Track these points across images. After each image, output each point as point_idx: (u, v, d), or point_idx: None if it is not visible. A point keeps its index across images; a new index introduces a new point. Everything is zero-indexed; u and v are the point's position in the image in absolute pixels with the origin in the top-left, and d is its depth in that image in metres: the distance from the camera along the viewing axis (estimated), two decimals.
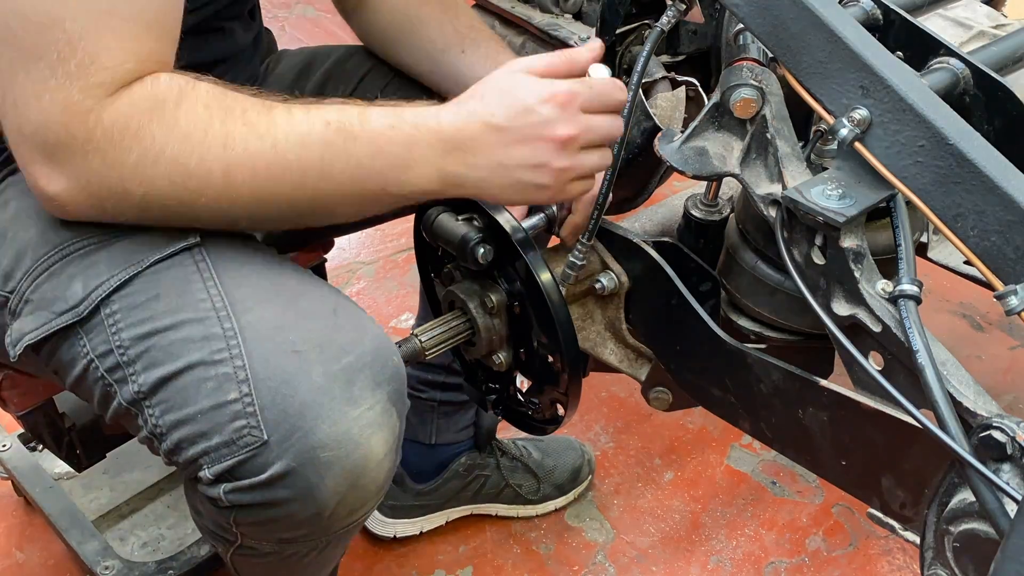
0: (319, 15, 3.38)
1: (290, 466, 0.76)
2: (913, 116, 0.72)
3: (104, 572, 1.28)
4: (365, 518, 0.86)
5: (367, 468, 0.79)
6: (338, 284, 2.06)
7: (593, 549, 1.50)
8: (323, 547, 0.88)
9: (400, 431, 0.83)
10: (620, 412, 1.74)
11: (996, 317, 1.93)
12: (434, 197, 0.86)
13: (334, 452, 0.76)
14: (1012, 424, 0.65)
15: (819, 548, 1.49)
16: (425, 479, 1.47)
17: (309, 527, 0.81)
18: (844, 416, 0.78)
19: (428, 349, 0.92)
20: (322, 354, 0.78)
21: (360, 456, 0.78)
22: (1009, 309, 0.66)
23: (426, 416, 1.44)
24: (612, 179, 0.89)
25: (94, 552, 1.31)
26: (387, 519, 1.50)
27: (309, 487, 0.77)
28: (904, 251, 0.75)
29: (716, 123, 0.87)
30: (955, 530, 0.70)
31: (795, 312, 0.91)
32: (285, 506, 0.78)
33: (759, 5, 0.81)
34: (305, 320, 0.81)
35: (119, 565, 1.29)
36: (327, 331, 0.80)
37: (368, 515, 0.86)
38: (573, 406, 0.94)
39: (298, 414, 0.76)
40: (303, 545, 0.86)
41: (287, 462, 0.76)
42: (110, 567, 1.29)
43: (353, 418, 0.77)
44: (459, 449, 1.47)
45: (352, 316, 0.84)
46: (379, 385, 0.80)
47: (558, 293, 0.87)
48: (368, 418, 0.78)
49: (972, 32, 1.05)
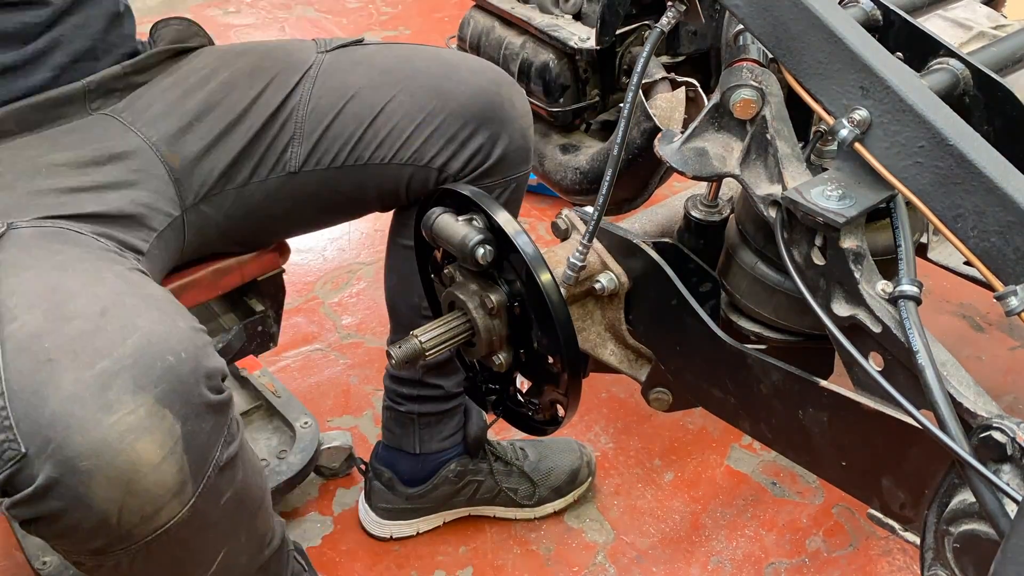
0: (319, 16, 3.38)
1: (52, 477, 0.74)
2: (913, 117, 0.72)
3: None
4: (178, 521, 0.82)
5: (139, 474, 0.76)
6: (338, 285, 2.06)
7: (593, 550, 1.50)
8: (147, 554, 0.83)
9: (188, 432, 0.79)
10: (620, 413, 1.74)
11: (996, 318, 1.93)
12: None
13: (92, 461, 0.74)
14: (1012, 425, 0.65)
15: (819, 549, 1.49)
16: (416, 484, 1.47)
17: (106, 536, 0.79)
18: (844, 417, 0.78)
19: (428, 350, 0.92)
20: (75, 361, 0.76)
21: (125, 462, 0.75)
22: (1009, 310, 0.66)
23: (407, 428, 1.44)
24: (612, 179, 0.89)
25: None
26: (382, 520, 1.50)
27: (78, 497, 0.75)
28: (904, 252, 0.75)
29: (716, 124, 0.88)
30: (955, 531, 0.70)
31: (795, 313, 0.91)
32: (65, 517, 0.76)
33: (759, 6, 0.81)
34: (66, 325, 0.79)
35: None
36: (86, 335, 0.78)
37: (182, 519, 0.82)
38: (573, 407, 0.94)
39: (49, 425, 0.74)
40: (119, 555, 0.82)
41: (48, 473, 0.74)
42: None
43: (109, 425, 0.75)
44: (447, 456, 1.47)
45: (123, 316, 0.81)
46: (142, 388, 0.77)
47: (558, 293, 0.87)
48: (128, 423, 0.75)
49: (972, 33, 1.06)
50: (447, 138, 1.15)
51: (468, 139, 1.15)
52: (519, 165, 1.20)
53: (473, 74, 1.17)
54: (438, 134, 1.15)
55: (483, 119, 1.15)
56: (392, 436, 1.46)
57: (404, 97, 1.14)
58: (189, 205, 1.10)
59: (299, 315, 1.97)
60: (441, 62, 1.18)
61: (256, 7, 3.44)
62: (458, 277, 0.96)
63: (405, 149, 1.15)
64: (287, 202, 1.16)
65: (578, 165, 1.38)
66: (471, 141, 1.15)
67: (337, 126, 1.14)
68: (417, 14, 3.37)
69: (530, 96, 1.37)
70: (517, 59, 1.38)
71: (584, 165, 1.37)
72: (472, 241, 0.88)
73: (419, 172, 1.16)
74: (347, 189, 1.17)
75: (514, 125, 1.17)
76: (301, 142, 1.13)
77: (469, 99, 1.15)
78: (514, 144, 1.18)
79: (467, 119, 1.15)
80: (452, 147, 1.15)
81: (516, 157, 1.19)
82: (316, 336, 1.92)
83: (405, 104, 1.14)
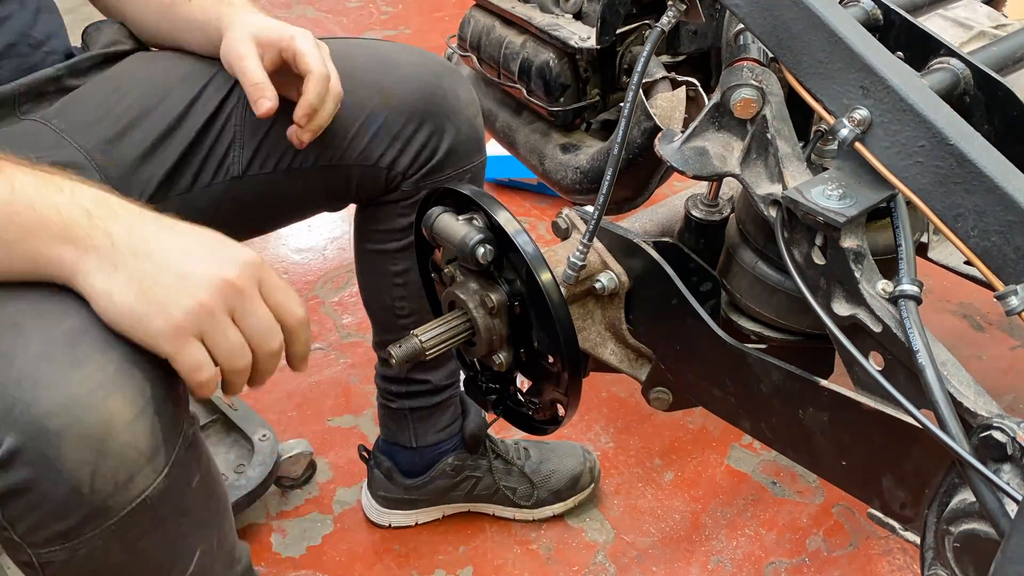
0: (319, 15, 3.38)
1: (19, 441, 0.70)
2: (913, 116, 0.72)
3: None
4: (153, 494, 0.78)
5: (112, 432, 0.72)
6: (338, 285, 2.06)
7: (593, 549, 1.50)
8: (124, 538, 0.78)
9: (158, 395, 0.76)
10: (620, 412, 1.74)
11: (996, 317, 1.93)
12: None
13: (62, 418, 0.70)
14: (1012, 424, 0.65)
15: (819, 548, 1.49)
16: (414, 476, 1.48)
17: (78, 510, 0.74)
18: (844, 416, 0.78)
19: (428, 349, 0.92)
20: (42, 320, 0.73)
21: (96, 420, 0.72)
22: (1009, 309, 0.66)
23: (402, 423, 1.45)
24: (613, 179, 0.89)
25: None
26: (382, 508, 1.51)
27: (47, 461, 0.71)
28: (904, 251, 0.75)
29: (716, 123, 0.88)
30: (955, 530, 0.70)
31: (795, 312, 0.91)
32: (34, 489, 0.72)
33: (759, 5, 0.81)
34: (27, 291, 0.76)
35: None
36: (51, 297, 0.75)
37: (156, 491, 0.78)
38: (573, 406, 0.94)
39: (16, 384, 0.71)
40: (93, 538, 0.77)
41: (14, 438, 0.70)
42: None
43: (79, 380, 0.71)
44: (445, 448, 1.47)
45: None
46: (111, 345, 0.73)
47: (558, 293, 0.87)
48: (98, 379, 0.72)
49: (972, 32, 1.06)
50: (392, 136, 1.14)
51: (413, 135, 1.14)
52: (471, 155, 1.20)
53: (413, 67, 1.15)
54: (383, 132, 1.13)
55: (426, 113, 1.14)
56: (389, 431, 1.48)
57: (345, 97, 1.11)
58: None
59: None
60: (379, 57, 1.17)
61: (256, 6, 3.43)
62: (458, 276, 0.96)
63: (351, 150, 1.14)
64: (234, 207, 1.13)
65: (578, 164, 1.38)
66: (416, 137, 1.14)
67: (279, 128, 1.10)
68: (417, 13, 3.37)
69: (530, 95, 1.38)
70: (517, 58, 1.38)
71: (584, 164, 1.37)
72: (472, 240, 0.88)
73: (367, 172, 1.15)
74: (294, 192, 1.16)
75: (460, 116, 1.16)
76: (242, 146, 1.11)
77: (410, 94, 1.13)
78: (462, 135, 1.17)
79: (410, 115, 1.13)
80: (398, 144, 1.14)
81: (466, 147, 1.18)
82: (316, 335, 1.92)
83: (346, 104, 1.11)
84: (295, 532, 1.52)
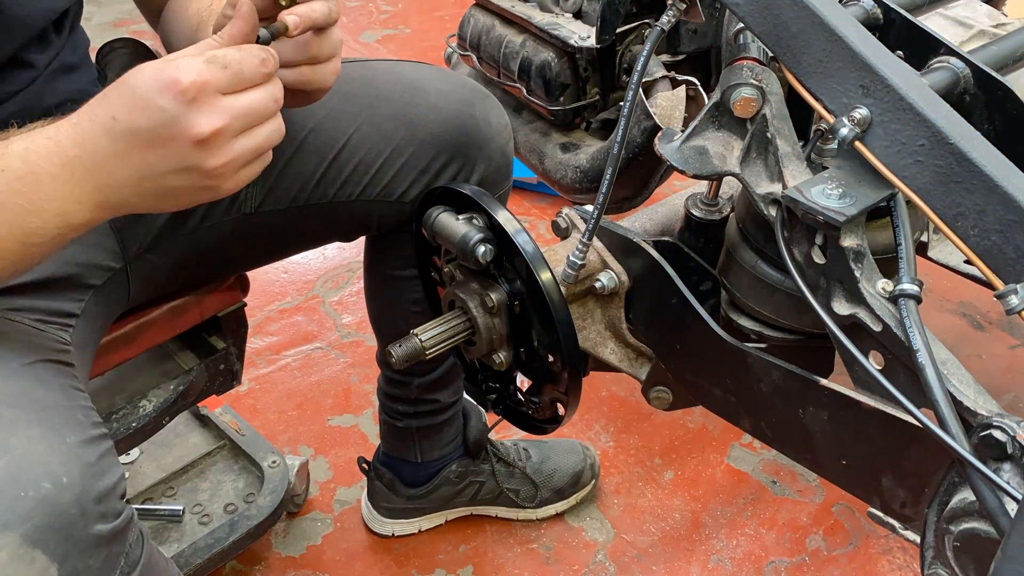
0: None
1: None
2: (913, 115, 0.72)
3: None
4: None
5: None
6: (338, 284, 2.06)
7: (593, 548, 1.50)
8: None
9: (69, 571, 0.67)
10: (620, 411, 1.74)
11: (996, 316, 1.93)
12: (102, 222, 0.73)
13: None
14: (1012, 423, 0.65)
15: (819, 547, 1.49)
16: (418, 486, 1.47)
17: None
18: (844, 415, 0.78)
19: (428, 348, 0.92)
20: None
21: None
22: (1009, 308, 0.66)
23: (407, 441, 1.42)
24: (612, 178, 0.89)
25: None
26: (384, 519, 1.50)
27: None
28: (904, 250, 0.75)
29: (716, 122, 0.88)
30: (955, 529, 0.70)
31: (795, 311, 0.91)
32: None
33: (759, 4, 0.81)
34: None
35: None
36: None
37: None
38: (573, 405, 0.94)
39: None
40: None
41: None
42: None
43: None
44: (448, 459, 1.46)
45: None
46: (6, 526, 0.64)
47: (558, 292, 0.87)
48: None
49: (972, 31, 1.06)
50: (419, 171, 1.06)
51: (442, 169, 1.07)
52: (500, 184, 1.13)
53: (442, 96, 1.07)
54: (408, 167, 1.06)
55: (457, 146, 1.06)
56: (392, 447, 1.46)
57: (368, 128, 1.05)
58: (133, 256, 1.00)
59: (299, 314, 1.97)
60: (406, 84, 1.08)
61: None
62: (458, 276, 0.96)
63: (373, 185, 1.07)
64: (243, 242, 1.08)
65: (578, 164, 1.37)
66: (446, 171, 1.07)
67: (296, 163, 1.04)
68: (417, 12, 3.36)
69: (530, 95, 1.37)
70: (517, 58, 1.38)
71: (584, 163, 1.37)
72: (472, 240, 0.88)
73: (389, 208, 1.09)
74: (309, 226, 1.10)
75: (492, 145, 1.09)
76: (256, 182, 0.97)
77: (440, 127, 1.05)
78: (493, 165, 1.10)
79: (440, 148, 1.06)
80: (425, 179, 1.07)
81: (496, 177, 1.11)
82: (316, 335, 1.92)
83: (370, 136, 1.05)
84: (295, 531, 1.52)
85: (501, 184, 1.14)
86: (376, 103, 1.06)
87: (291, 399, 1.77)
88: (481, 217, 0.90)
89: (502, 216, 0.88)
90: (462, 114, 1.07)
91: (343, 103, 1.06)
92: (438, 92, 1.08)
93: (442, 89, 1.08)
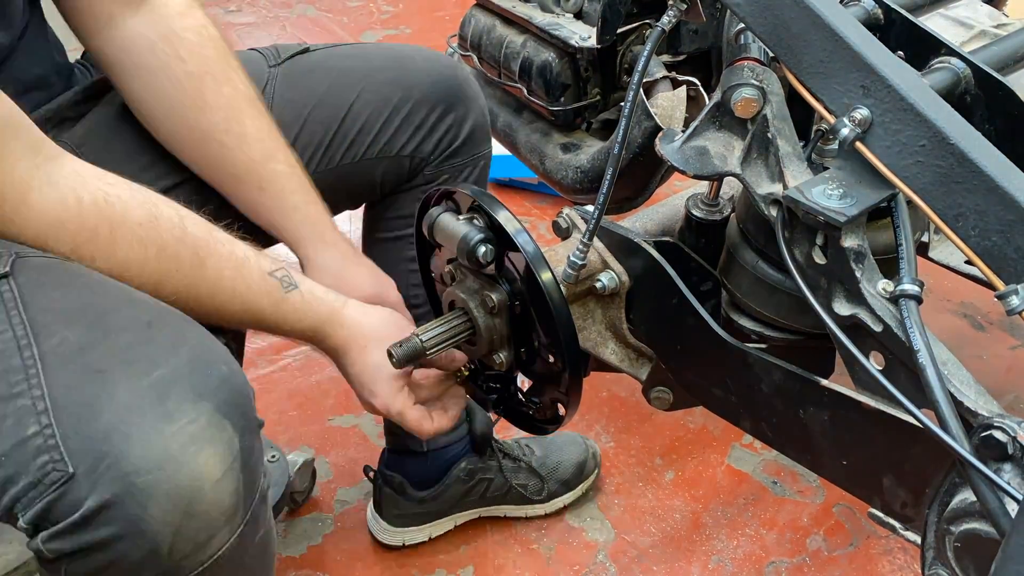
0: (320, 15, 3.38)
1: (105, 498, 0.68)
2: (914, 116, 0.72)
3: None
4: (223, 554, 0.75)
5: (200, 490, 0.70)
6: None
7: (594, 549, 1.50)
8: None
9: (244, 447, 0.75)
10: (621, 412, 1.74)
11: (997, 317, 1.93)
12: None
13: (152, 475, 0.68)
14: (1013, 424, 0.65)
15: (820, 548, 1.49)
16: (427, 486, 1.46)
17: (150, 572, 0.72)
18: (845, 416, 0.78)
19: (428, 348, 0.92)
20: (129, 370, 0.71)
21: (187, 477, 0.69)
22: (1010, 309, 0.66)
23: None
24: (613, 178, 0.89)
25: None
26: (395, 528, 1.48)
27: (133, 520, 0.68)
28: (905, 251, 0.75)
29: (717, 123, 0.87)
30: (956, 530, 0.70)
31: (796, 312, 0.91)
32: (113, 547, 0.69)
33: (760, 4, 0.81)
34: (112, 337, 0.74)
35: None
36: (136, 345, 0.74)
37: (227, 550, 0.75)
38: (574, 406, 0.94)
39: (104, 438, 0.68)
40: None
41: (100, 494, 0.67)
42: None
43: (170, 435, 0.69)
44: (455, 451, 1.46)
45: (171, 326, 0.77)
46: (202, 396, 0.72)
47: (559, 292, 0.87)
48: (189, 433, 0.70)
49: (973, 32, 1.05)
50: (416, 125, 1.17)
51: (438, 122, 1.18)
52: (483, 143, 1.24)
53: (428, 61, 1.21)
54: (407, 123, 1.16)
55: (449, 101, 1.18)
56: (396, 439, 1.45)
57: (368, 95, 1.15)
58: None
59: None
60: (395, 55, 1.21)
61: (257, 6, 3.43)
62: (459, 276, 0.96)
63: (375, 144, 1.16)
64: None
65: (579, 164, 1.37)
66: (441, 123, 1.18)
67: (304, 136, 1.13)
68: (417, 12, 3.36)
69: (531, 95, 1.37)
70: (518, 58, 1.38)
71: (585, 164, 1.36)
72: (473, 240, 0.88)
73: (391, 163, 1.18)
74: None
75: (475, 104, 1.22)
76: None
77: (432, 85, 1.18)
78: (478, 122, 1.22)
79: (435, 103, 1.17)
80: (422, 133, 1.17)
81: (480, 135, 1.23)
82: None
83: (371, 101, 1.15)
84: (296, 531, 1.52)
85: (483, 144, 1.25)
86: (372, 73, 1.17)
87: (292, 399, 1.77)
88: (481, 217, 0.90)
89: (502, 216, 0.88)
90: (448, 76, 1.20)
91: (341, 78, 1.16)
92: (425, 59, 1.22)
93: (428, 57, 1.23)
